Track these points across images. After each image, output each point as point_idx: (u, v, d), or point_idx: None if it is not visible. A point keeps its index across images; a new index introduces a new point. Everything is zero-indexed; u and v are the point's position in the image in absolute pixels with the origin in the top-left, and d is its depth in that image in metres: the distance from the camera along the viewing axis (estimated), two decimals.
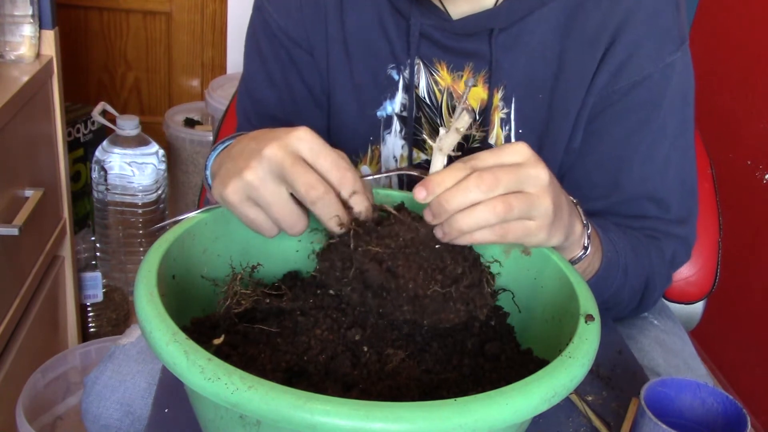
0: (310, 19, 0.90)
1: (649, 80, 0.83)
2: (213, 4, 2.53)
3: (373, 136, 0.93)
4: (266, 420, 0.46)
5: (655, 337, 1.01)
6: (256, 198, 0.61)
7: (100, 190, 1.79)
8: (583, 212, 0.71)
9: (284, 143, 0.59)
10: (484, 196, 0.57)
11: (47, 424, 1.44)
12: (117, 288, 1.87)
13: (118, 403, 0.86)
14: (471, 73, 0.87)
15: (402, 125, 0.92)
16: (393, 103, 0.91)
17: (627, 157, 0.86)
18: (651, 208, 0.88)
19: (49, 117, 1.42)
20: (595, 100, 0.85)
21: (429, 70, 0.88)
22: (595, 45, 0.83)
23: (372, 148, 0.94)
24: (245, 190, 0.61)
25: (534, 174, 0.59)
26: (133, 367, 0.87)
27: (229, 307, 0.64)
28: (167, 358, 0.49)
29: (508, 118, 0.88)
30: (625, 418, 0.73)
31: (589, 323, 0.57)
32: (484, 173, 0.57)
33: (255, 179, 0.60)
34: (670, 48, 0.83)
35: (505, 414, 0.47)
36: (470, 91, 0.88)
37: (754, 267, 1.69)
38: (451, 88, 0.88)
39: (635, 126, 0.85)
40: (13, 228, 1.16)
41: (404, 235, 0.60)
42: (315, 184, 0.59)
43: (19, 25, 1.31)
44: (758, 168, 1.65)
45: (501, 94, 0.87)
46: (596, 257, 0.77)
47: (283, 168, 0.59)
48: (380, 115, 0.92)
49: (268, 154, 0.59)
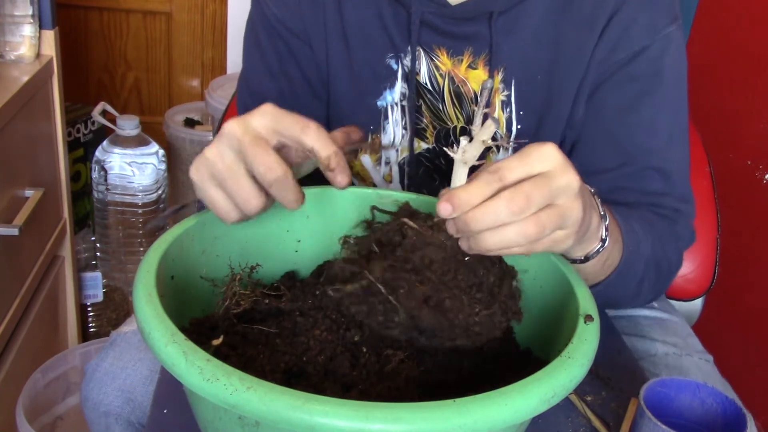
0: (307, 10, 0.91)
1: (647, 51, 0.85)
2: (213, 4, 2.53)
3: (373, 125, 0.94)
4: (265, 421, 0.46)
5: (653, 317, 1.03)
6: (216, 174, 0.61)
7: (100, 190, 1.79)
8: (600, 203, 0.69)
9: (244, 120, 0.60)
10: (515, 218, 0.54)
11: (47, 424, 1.44)
12: (117, 288, 1.87)
13: (119, 390, 0.85)
14: (471, 56, 0.88)
15: (402, 114, 0.92)
16: (393, 93, 0.92)
17: (631, 128, 0.87)
18: (659, 181, 0.88)
19: (49, 117, 1.42)
20: (594, 75, 0.86)
21: (429, 56, 0.89)
22: (593, 23, 0.85)
23: (372, 137, 0.94)
24: (206, 166, 0.61)
25: (565, 184, 0.56)
26: (135, 355, 0.87)
27: (228, 307, 0.64)
28: (166, 359, 0.49)
29: (508, 101, 0.89)
30: (625, 418, 0.73)
31: (588, 323, 0.57)
32: (515, 194, 0.54)
33: (214, 154, 0.60)
34: (665, 21, 0.85)
35: (505, 414, 0.47)
36: (471, 74, 0.88)
37: (753, 266, 1.69)
38: (452, 71, 0.89)
39: (636, 96, 0.86)
40: (13, 228, 1.16)
41: (435, 256, 0.58)
42: (272, 166, 0.59)
43: (19, 25, 1.31)
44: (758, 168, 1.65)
45: (501, 76, 0.88)
46: (616, 249, 0.75)
47: (241, 144, 0.59)
48: (380, 104, 0.93)
49: (227, 130, 0.60)
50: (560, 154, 0.56)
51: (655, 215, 0.87)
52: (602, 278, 0.78)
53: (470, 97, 0.90)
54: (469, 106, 0.91)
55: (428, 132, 0.93)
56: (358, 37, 0.90)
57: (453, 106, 0.91)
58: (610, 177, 0.88)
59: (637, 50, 0.85)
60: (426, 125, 0.93)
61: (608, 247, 0.71)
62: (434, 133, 0.93)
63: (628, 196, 0.87)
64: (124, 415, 0.85)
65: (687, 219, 0.91)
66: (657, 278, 0.85)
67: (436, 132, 0.93)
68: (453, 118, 0.92)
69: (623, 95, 0.86)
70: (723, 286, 1.25)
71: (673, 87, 0.88)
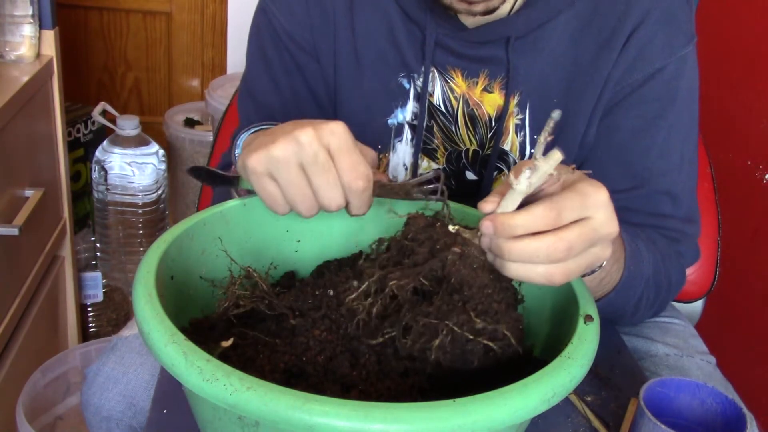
0: (317, 24, 0.89)
1: (662, 73, 0.84)
2: (213, 4, 2.53)
3: (381, 143, 0.92)
4: (265, 421, 0.46)
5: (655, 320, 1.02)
6: (277, 175, 0.62)
7: (100, 190, 1.78)
8: None
9: (318, 133, 0.61)
10: (550, 263, 0.54)
11: (47, 424, 1.44)
12: (117, 288, 1.87)
13: (120, 395, 0.85)
14: (486, 79, 0.87)
15: (413, 134, 0.91)
16: (404, 112, 0.90)
17: (644, 151, 0.86)
18: (667, 204, 0.88)
19: (49, 117, 1.42)
20: (610, 95, 0.85)
21: (444, 78, 0.88)
22: (612, 43, 0.84)
23: (380, 157, 0.93)
24: (269, 163, 0.62)
25: (606, 234, 0.56)
26: (136, 359, 0.86)
27: (228, 308, 0.64)
28: (165, 359, 0.49)
29: (522, 124, 0.88)
30: (624, 419, 0.73)
31: (588, 324, 0.57)
32: (559, 242, 0.54)
33: (281, 156, 0.61)
34: (682, 41, 0.85)
35: (504, 414, 0.47)
36: (485, 98, 0.87)
37: (753, 266, 1.69)
38: (466, 94, 0.88)
39: (650, 118, 0.86)
40: (13, 228, 1.16)
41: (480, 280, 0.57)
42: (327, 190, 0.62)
43: (19, 25, 1.31)
44: (758, 168, 1.65)
45: (516, 99, 0.87)
46: (615, 268, 0.75)
47: (308, 157, 0.61)
48: (391, 123, 0.91)
49: (300, 138, 0.61)
50: (611, 203, 0.57)
51: (660, 236, 0.87)
52: (599, 296, 0.78)
53: (484, 121, 0.89)
54: (482, 130, 0.89)
55: (439, 153, 0.92)
56: (370, 53, 0.89)
57: (466, 129, 0.89)
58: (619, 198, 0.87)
59: (653, 71, 0.84)
60: (437, 146, 0.91)
61: (606, 267, 0.71)
62: (445, 155, 0.92)
63: (634, 217, 0.87)
64: (126, 420, 0.85)
65: (692, 239, 0.91)
66: (656, 297, 0.86)
67: (447, 153, 0.92)
68: (466, 141, 0.90)
69: (638, 117, 0.86)
70: (724, 286, 1.25)
71: (686, 108, 0.88)
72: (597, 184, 0.57)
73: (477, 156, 0.91)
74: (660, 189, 0.87)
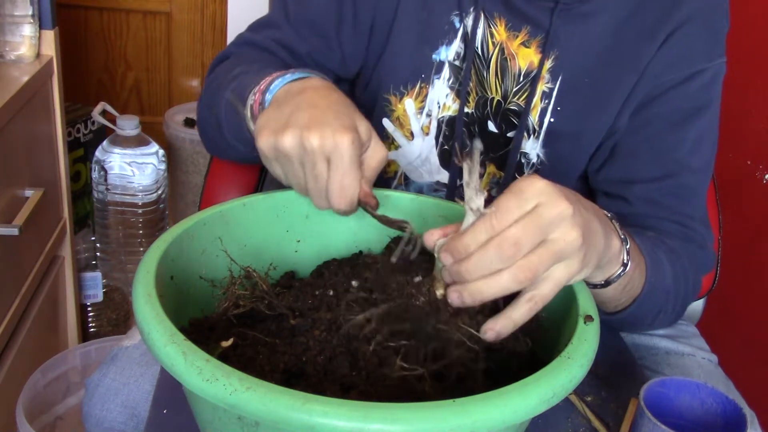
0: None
1: (702, 75, 0.87)
2: (213, 4, 2.53)
3: (425, 74, 0.94)
4: (264, 421, 0.46)
5: None
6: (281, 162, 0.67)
7: (100, 190, 1.78)
8: (619, 226, 0.69)
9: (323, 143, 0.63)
10: (507, 263, 0.53)
11: (47, 424, 1.44)
12: (117, 288, 1.87)
13: (122, 406, 0.85)
14: (527, 35, 0.89)
15: (451, 74, 0.93)
16: (448, 50, 0.92)
17: (679, 142, 0.88)
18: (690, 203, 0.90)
19: (49, 117, 1.42)
20: (648, 87, 0.88)
21: (488, 22, 0.90)
22: (653, 35, 0.86)
23: (421, 86, 0.94)
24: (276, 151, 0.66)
25: (556, 215, 0.54)
26: (137, 370, 0.86)
27: (228, 308, 0.64)
28: (165, 359, 0.49)
29: (550, 93, 0.90)
30: (624, 419, 0.73)
31: (588, 324, 0.57)
32: (504, 239, 0.53)
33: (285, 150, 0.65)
34: (719, 51, 0.88)
35: (504, 415, 0.47)
36: (521, 51, 0.90)
37: (754, 266, 1.69)
38: (504, 43, 0.90)
39: (686, 114, 0.88)
40: (13, 228, 1.16)
41: None
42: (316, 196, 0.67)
43: (19, 25, 1.31)
44: (758, 168, 1.65)
45: (550, 65, 0.89)
46: (637, 274, 0.74)
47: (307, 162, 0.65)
48: (435, 58, 0.93)
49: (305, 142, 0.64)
50: (549, 185, 0.56)
51: (683, 239, 0.88)
52: (622, 305, 0.78)
53: (514, 73, 0.91)
54: (510, 81, 0.91)
55: (471, 96, 0.94)
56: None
57: (495, 77, 0.91)
58: (649, 188, 0.88)
59: (694, 72, 0.87)
60: (471, 89, 0.93)
61: (629, 271, 0.70)
62: (476, 99, 0.94)
63: (659, 212, 0.88)
64: (128, 430, 0.85)
65: (711, 245, 0.92)
66: (673, 309, 0.86)
67: (477, 98, 0.94)
68: (492, 89, 0.92)
69: (675, 110, 0.88)
70: (724, 286, 1.25)
71: (714, 117, 0.90)
72: (531, 177, 0.56)
73: (500, 107, 0.92)
74: (688, 185, 0.89)
